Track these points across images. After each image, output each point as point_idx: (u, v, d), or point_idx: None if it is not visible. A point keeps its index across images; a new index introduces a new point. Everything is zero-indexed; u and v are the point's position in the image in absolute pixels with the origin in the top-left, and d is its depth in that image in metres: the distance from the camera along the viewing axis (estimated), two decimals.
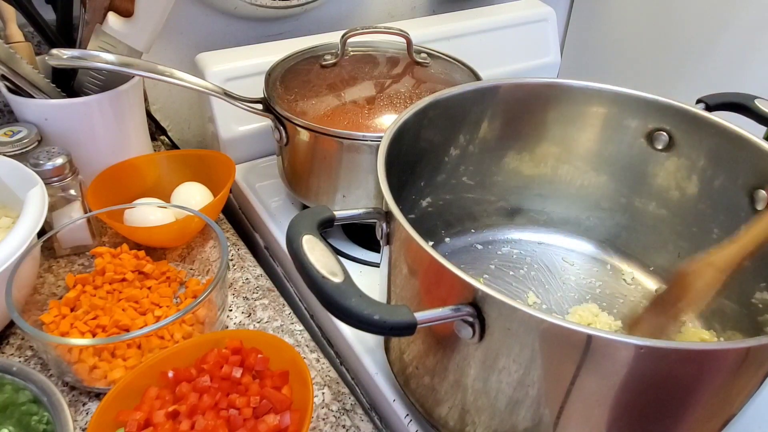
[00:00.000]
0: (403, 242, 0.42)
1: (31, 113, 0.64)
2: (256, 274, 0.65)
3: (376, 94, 0.65)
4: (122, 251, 0.60)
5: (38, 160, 0.59)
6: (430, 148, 0.57)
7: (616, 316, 0.57)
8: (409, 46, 0.69)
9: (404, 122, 0.51)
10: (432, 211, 0.62)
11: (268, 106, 0.65)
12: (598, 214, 0.64)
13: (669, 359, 0.33)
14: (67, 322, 0.52)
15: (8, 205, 0.60)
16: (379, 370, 0.53)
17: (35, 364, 0.53)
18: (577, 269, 0.63)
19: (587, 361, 0.34)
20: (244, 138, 0.79)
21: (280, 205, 0.73)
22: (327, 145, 0.62)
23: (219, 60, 0.76)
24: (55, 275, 0.60)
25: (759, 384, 0.37)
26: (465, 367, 0.40)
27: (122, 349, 0.49)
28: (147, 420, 0.43)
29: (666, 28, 0.98)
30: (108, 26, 0.63)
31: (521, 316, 0.34)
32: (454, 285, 0.37)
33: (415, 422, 0.49)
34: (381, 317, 0.34)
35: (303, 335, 0.58)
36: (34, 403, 0.43)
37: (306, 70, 0.69)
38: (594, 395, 0.36)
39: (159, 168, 0.70)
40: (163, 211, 0.62)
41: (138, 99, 0.71)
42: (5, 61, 0.61)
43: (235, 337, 0.48)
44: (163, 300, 0.56)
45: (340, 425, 0.49)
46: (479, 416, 0.41)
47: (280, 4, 0.84)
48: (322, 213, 0.42)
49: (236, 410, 0.44)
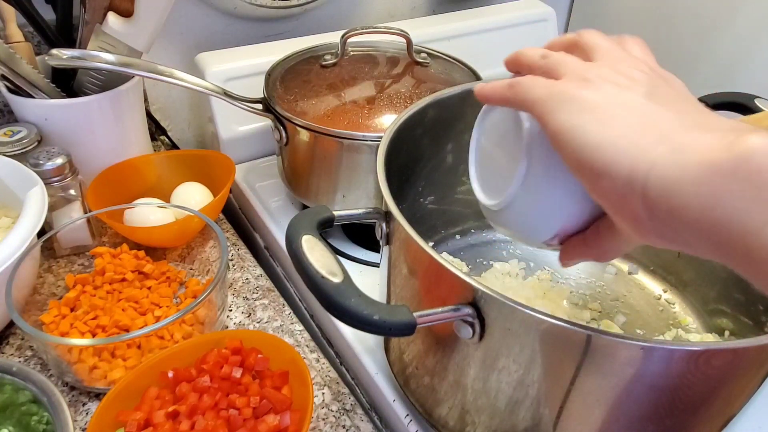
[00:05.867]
0: (402, 242, 0.42)
1: (31, 113, 0.64)
2: (256, 274, 0.65)
3: (376, 94, 0.65)
4: (122, 251, 0.60)
5: (38, 160, 0.59)
6: (430, 148, 0.57)
7: (617, 315, 0.57)
8: (409, 46, 0.69)
9: (404, 122, 0.51)
10: (432, 210, 0.62)
11: (268, 106, 0.65)
12: None
13: (669, 359, 0.33)
14: (67, 322, 0.52)
15: (8, 205, 0.60)
16: (379, 370, 0.53)
17: (35, 364, 0.53)
18: (577, 269, 0.63)
19: (587, 361, 0.34)
20: (244, 138, 0.79)
21: (280, 205, 0.73)
22: (327, 145, 0.62)
23: (219, 60, 0.76)
24: (55, 275, 0.60)
25: (759, 384, 0.37)
26: (465, 367, 0.40)
27: (122, 349, 0.49)
28: (147, 420, 0.43)
29: (666, 28, 0.98)
30: (108, 26, 0.63)
31: (521, 316, 0.34)
32: (454, 285, 0.37)
33: (415, 422, 0.49)
34: (380, 317, 0.34)
35: (303, 335, 0.58)
36: (34, 403, 0.43)
37: (306, 70, 0.69)
38: (594, 395, 0.36)
39: (159, 168, 0.70)
40: (163, 211, 0.62)
41: (138, 99, 0.71)
42: (5, 61, 0.61)
43: (235, 337, 0.48)
44: (163, 300, 0.56)
45: (340, 425, 0.49)
46: (479, 416, 0.41)
47: (280, 4, 0.84)
48: (322, 213, 0.42)
49: (236, 410, 0.44)
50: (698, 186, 0.24)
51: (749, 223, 0.23)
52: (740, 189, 0.23)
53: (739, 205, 0.23)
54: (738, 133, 0.24)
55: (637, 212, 0.26)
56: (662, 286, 0.61)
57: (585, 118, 0.27)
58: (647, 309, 0.59)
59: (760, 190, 0.22)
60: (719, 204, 0.23)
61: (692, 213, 0.24)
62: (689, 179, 0.24)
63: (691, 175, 0.24)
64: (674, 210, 0.25)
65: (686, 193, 0.24)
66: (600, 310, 0.58)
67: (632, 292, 0.61)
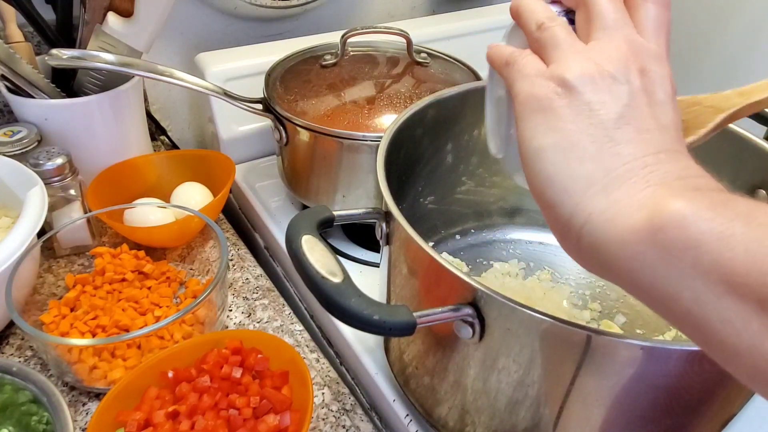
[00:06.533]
0: (402, 242, 0.42)
1: (31, 113, 0.64)
2: (256, 274, 0.65)
3: (376, 94, 0.65)
4: (122, 251, 0.60)
5: (38, 160, 0.59)
6: (429, 148, 0.57)
7: (617, 315, 0.57)
8: (409, 46, 0.69)
9: (404, 122, 0.51)
10: (432, 210, 0.62)
11: (268, 106, 0.65)
12: None
13: (669, 359, 0.33)
14: (67, 322, 0.52)
15: (8, 205, 0.60)
16: (379, 370, 0.53)
17: (35, 364, 0.53)
18: (577, 269, 0.63)
19: (587, 361, 0.34)
20: (244, 138, 0.79)
21: (280, 205, 0.73)
22: (327, 145, 0.62)
23: (219, 60, 0.76)
24: (55, 275, 0.60)
25: None
26: (465, 367, 0.40)
27: (122, 349, 0.49)
28: (147, 420, 0.43)
29: None
30: (108, 26, 0.63)
31: (521, 316, 0.34)
32: (454, 285, 0.37)
33: (415, 422, 0.49)
34: (380, 317, 0.34)
35: (303, 335, 0.58)
36: (34, 403, 0.43)
37: (306, 70, 0.69)
38: (594, 395, 0.36)
39: (159, 168, 0.70)
40: (163, 211, 0.62)
41: (138, 99, 0.71)
42: (5, 61, 0.61)
43: (235, 337, 0.48)
44: (163, 300, 0.56)
45: (340, 425, 0.49)
46: (479, 416, 0.41)
47: (280, 4, 0.84)
48: (322, 213, 0.42)
49: (236, 410, 0.44)
50: (622, 249, 0.25)
51: (668, 288, 0.24)
52: (657, 257, 0.24)
53: (657, 271, 0.24)
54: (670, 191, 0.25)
55: (574, 248, 0.28)
56: None
57: (549, 141, 0.28)
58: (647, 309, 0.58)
59: (675, 259, 0.23)
60: (640, 268, 0.25)
61: (617, 270, 0.26)
62: (614, 241, 0.25)
63: (616, 238, 0.25)
64: (602, 264, 0.26)
65: (612, 253, 0.26)
66: (600, 310, 0.58)
67: None
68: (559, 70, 0.29)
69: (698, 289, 0.23)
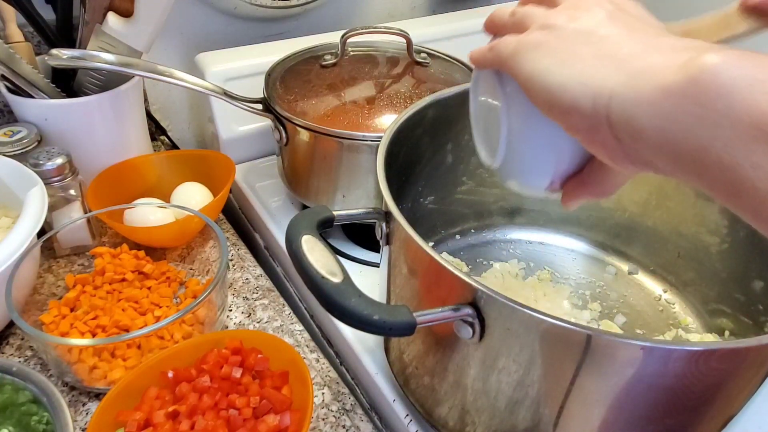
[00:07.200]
0: (402, 242, 0.42)
1: (31, 113, 0.64)
2: (256, 274, 0.65)
3: (376, 94, 0.65)
4: (122, 251, 0.60)
5: (38, 160, 0.59)
6: (429, 148, 0.57)
7: (617, 315, 0.57)
8: (409, 46, 0.69)
9: (404, 122, 0.51)
10: (432, 210, 0.62)
11: (268, 106, 0.65)
12: (598, 213, 0.64)
13: (669, 359, 0.33)
14: (67, 323, 0.52)
15: (8, 205, 0.60)
16: (379, 370, 0.53)
17: (35, 364, 0.53)
18: (577, 269, 0.63)
19: (587, 361, 0.34)
20: (244, 138, 0.79)
21: (280, 205, 0.73)
22: (327, 145, 0.62)
23: (219, 60, 0.76)
24: (55, 275, 0.60)
25: (759, 384, 0.37)
26: (465, 367, 0.40)
27: (122, 349, 0.49)
28: (147, 420, 0.43)
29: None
30: (108, 26, 0.63)
31: (521, 316, 0.34)
32: (454, 285, 0.37)
33: (415, 422, 0.49)
34: (380, 317, 0.34)
35: (303, 335, 0.58)
36: (33, 404, 0.43)
37: (306, 70, 0.69)
38: (594, 395, 0.36)
39: (159, 168, 0.70)
40: (163, 211, 0.62)
41: (138, 99, 0.71)
42: (5, 61, 0.61)
43: (235, 337, 0.48)
44: (163, 300, 0.56)
45: (340, 425, 0.49)
46: (479, 416, 0.41)
47: (280, 4, 0.84)
48: (322, 213, 0.42)
49: (236, 410, 0.44)
50: (653, 108, 0.25)
51: (699, 140, 0.24)
52: (689, 109, 0.24)
53: (689, 124, 0.24)
54: (694, 52, 0.25)
55: (607, 140, 0.28)
56: (662, 286, 0.61)
57: (548, 62, 0.29)
58: (647, 309, 0.59)
59: (706, 109, 0.23)
60: (672, 124, 0.24)
61: (651, 134, 0.25)
62: (645, 102, 0.25)
63: (646, 98, 0.25)
64: (635, 133, 0.26)
65: (643, 116, 0.25)
66: (600, 310, 0.58)
67: (632, 292, 0.61)
68: (540, 21, 0.31)
69: (729, 136, 0.23)
